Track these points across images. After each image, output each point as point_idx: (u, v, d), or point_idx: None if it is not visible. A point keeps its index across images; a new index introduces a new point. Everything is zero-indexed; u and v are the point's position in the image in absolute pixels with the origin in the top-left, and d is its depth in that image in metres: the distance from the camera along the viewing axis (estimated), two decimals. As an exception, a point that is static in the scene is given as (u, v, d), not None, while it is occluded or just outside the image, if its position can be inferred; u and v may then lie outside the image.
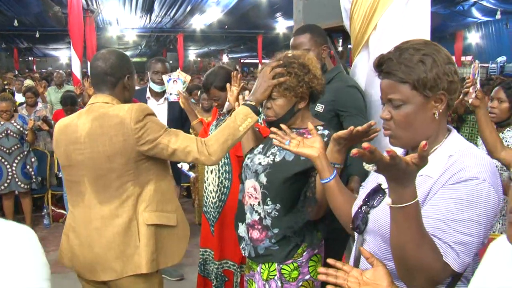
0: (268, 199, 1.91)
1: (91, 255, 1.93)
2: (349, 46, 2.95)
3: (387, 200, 1.10)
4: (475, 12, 14.98)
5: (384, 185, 1.34)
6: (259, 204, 1.95)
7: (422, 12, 2.27)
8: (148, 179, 1.95)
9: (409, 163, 1.01)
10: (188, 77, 3.40)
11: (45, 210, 5.53)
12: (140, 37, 21.16)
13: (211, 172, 2.87)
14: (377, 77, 1.35)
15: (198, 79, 10.82)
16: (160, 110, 3.78)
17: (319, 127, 1.93)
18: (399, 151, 1.45)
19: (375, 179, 1.47)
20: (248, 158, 2.09)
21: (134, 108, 1.87)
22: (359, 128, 1.56)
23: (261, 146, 2.09)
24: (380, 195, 1.37)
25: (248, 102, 1.97)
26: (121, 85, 2.00)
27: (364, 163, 1.04)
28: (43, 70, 24.01)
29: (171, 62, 22.10)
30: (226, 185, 2.81)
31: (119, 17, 15.95)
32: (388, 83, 1.29)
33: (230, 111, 2.85)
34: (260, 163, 1.98)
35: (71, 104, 5.13)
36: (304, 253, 1.90)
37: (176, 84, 3.36)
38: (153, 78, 3.84)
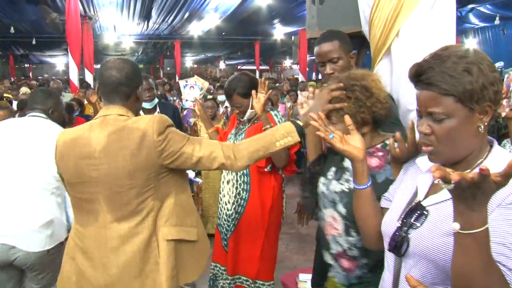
0: (352, 230, 1.78)
1: (106, 277, 1.82)
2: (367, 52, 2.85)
3: (455, 225, 0.98)
4: (472, 18, 15.01)
5: (425, 202, 1.26)
6: (340, 235, 1.83)
7: (448, 17, 2.18)
8: (167, 192, 1.86)
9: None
10: (206, 84, 3.32)
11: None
12: (137, 43, 21.06)
13: (228, 182, 2.77)
14: (414, 87, 1.25)
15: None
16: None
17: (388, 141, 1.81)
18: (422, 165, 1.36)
19: (406, 191, 1.38)
20: (324, 184, 1.93)
21: (155, 120, 1.79)
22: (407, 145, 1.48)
23: (333, 169, 1.93)
24: (419, 212, 1.27)
25: (296, 121, 1.87)
26: (134, 96, 1.92)
27: (440, 181, 0.93)
28: (39, 77, 23.82)
29: (168, 69, 22.18)
30: (244, 197, 2.71)
31: (116, 24, 15.84)
32: (429, 95, 1.19)
33: (251, 119, 2.76)
34: (336, 192, 1.85)
35: (68, 113, 4.94)
36: None
37: (192, 90, 3.28)
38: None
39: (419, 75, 1.20)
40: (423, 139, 1.25)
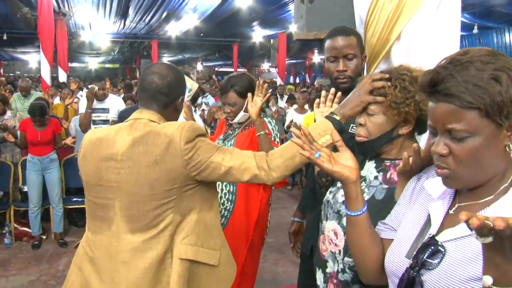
0: None
1: None
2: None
3: (486, 279, 0.78)
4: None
5: (441, 238, 1.05)
6: (339, 253, 1.60)
7: (454, 17, 2.01)
8: (191, 207, 1.69)
9: None
10: (195, 85, 3.10)
11: (6, 228, 5.05)
12: (114, 42, 20.69)
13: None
14: (428, 99, 1.04)
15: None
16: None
17: None
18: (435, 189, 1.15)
19: (414, 221, 1.18)
20: (331, 192, 1.72)
21: (185, 126, 1.64)
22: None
23: None
24: (433, 248, 1.05)
25: (332, 116, 1.66)
26: (173, 107, 1.79)
27: (475, 234, 0.74)
28: (10, 74, 23.15)
29: (145, 69, 22.03)
30: (228, 208, 2.52)
31: (92, 22, 15.47)
32: (448, 109, 0.98)
33: (242, 124, 2.58)
34: (343, 202, 1.60)
35: (40, 115, 4.68)
36: None
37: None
38: None
39: (435, 84, 1.00)
40: (437, 160, 1.04)
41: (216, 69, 32.18)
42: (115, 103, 5.01)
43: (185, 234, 1.67)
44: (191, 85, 3.18)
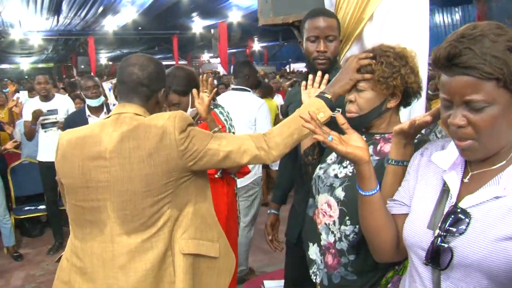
0: (347, 218, 1.59)
1: None
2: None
3: None
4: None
5: (464, 204, 1.09)
6: (334, 223, 1.64)
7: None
8: (187, 199, 1.63)
9: None
10: None
11: None
12: (47, 40, 19.83)
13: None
14: (443, 73, 1.06)
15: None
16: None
17: None
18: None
19: (428, 193, 1.21)
20: (321, 168, 1.76)
21: (177, 116, 1.57)
22: (420, 120, 1.32)
23: (334, 153, 1.73)
24: (457, 216, 1.08)
25: (323, 95, 1.68)
26: (155, 100, 1.71)
27: None
28: None
29: (82, 67, 21.22)
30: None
31: (22, 19, 14.73)
32: (467, 81, 1.01)
33: (194, 119, 2.49)
34: (336, 175, 1.66)
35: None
36: (389, 285, 1.56)
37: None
38: (87, 95, 4.07)
39: (453, 58, 1.02)
40: (457, 133, 1.06)
41: (156, 62, 31.53)
42: (63, 103, 4.73)
43: (184, 229, 1.62)
44: None
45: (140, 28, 17.62)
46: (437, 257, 1.09)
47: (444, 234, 1.08)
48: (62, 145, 1.65)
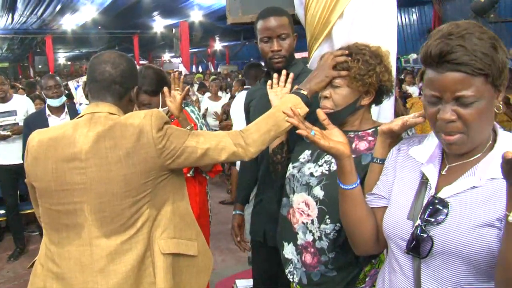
0: (327, 217, 1.59)
1: None
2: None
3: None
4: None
5: (442, 195, 1.14)
6: (312, 222, 1.63)
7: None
8: (165, 198, 1.61)
9: None
10: None
11: None
12: (1, 39, 19.18)
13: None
14: (432, 70, 1.09)
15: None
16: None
17: None
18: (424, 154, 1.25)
19: (406, 186, 1.25)
20: (294, 167, 1.75)
21: (153, 114, 1.54)
22: (411, 121, 1.36)
23: (307, 152, 1.74)
24: (436, 207, 1.13)
25: (299, 91, 1.68)
26: (128, 98, 1.67)
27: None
28: None
29: (40, 66, 20.63)
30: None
31: (-26, 17, 14.21)
32: (459, 77, 1.05)
33: None
34: (312, 174, 1.66)
35: None
36: (367, 279, 1.61)
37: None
38: (48, 94, 3.96)
39: (445, 55, 1.05)
40: (446, 128, 1.10)
41: (116, 62, 31.04)
42: (22, 104, 4.55)
43: (163, 228, 1.60)
44: None
45: (100, 27, 17.33)
46: (418, 246, 1.13)
47: (424, 224, 1.13)
48: (33, 147, 1.59)
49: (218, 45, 26.01)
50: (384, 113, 2.03)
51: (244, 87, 4.23)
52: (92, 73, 1.63)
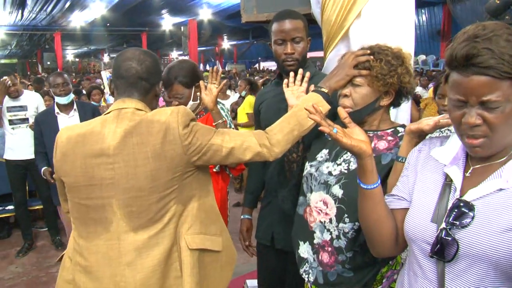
0: (346, 216, 1.57)
1: None
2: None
3: None
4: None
5: (468, 198, 1.11)
6: (330, 221, 1.62)
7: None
8: (191, 194, 1.62)
9: None
10: None
11: None
12: (10, 35, 19.29)
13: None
14: (458, 74, 1.06)
15: (88, 80, 9.96)
16: (73, 123, 3.26)
17: (400, 128, 1.65)
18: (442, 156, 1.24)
19: (429, 188, 1.22)
20: (312, 166, 1.73)
21: (180, 111, 1.56)
22: (444, 122, 1.36)
23: (325, 151, 1.72)
24: (461, 210, 1.10)
25: (320, 89, 1.70)
26: (153, 93, 1.70)
27: None
28: None
29: (48, 63, 20.70)
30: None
31: (-16, 13, 14.27)
32: (485, 81, 1.02)
33: (194, 112, 2.44)
34: (330, 173, 1.65)
35: None
36: (384, 280, 1.59)
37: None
38: (56, 92, 3.90)
39: (471, 58, 1.02)
40: (470, 131, 1.07)
41: (124, 60, 31.13)
42: (32, 99, 4.56)
43: (189, 224, 1.61)
44: None
45: (108, 24, 17.34)
46: (442, 250, 1.10)
47: (449, 227, 1.10)
48: (62, 143, 1.61)
49: (226, 43, 26.00)
50: (401, 114, 2.00)
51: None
52: (118, 70, 1.65)
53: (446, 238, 1.10)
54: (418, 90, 8.43)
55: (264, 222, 2.26)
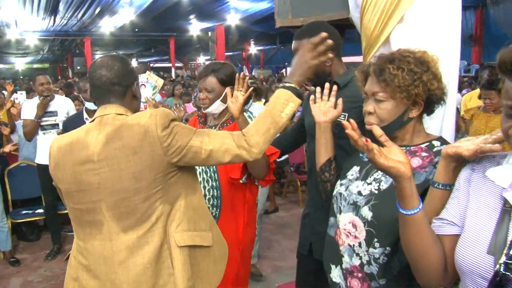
0: (376, 240, 1.46)
1: None
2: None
3: None
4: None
5: None
6: (360, 245, 1.51)
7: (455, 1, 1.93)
8: (177, 193, 1.69)
9: None
10: (161, 81, 2.88)
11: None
12: (43, 41, 19.62)
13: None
14: (509, 79, 0.97)
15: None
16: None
17: (436, 142, 1.52)
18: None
19: (485, 214, 1.09)
20: (342, 185, 1.64)
21: (158, 113, 1.61)
22: (486, 149, 1.17)
23: (356, 168, 1.63)
24: None
25: (287, 85, 1.72)
26: (130, 94, 1.76)
27: None
28: None
29: (78, 67, 21.00)
30: (214, 214, 2.32)
31: (18, 19, 14.55)
32: None
33: (219, 121, 2.38)
34: (359, 192, 1.54)
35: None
36: None
37: (144, 89, 2.80)
38: (85, 97, 3.87)
39: None
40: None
41: (151, 65, 31.44)
42: (63, 105, 4.58)
43: (177, 222, 1.68)
44: (156, 81, 2.94)
45: (137, 29, 17.49)
46: (501, 286, 0.98)
47: (510, 261, 0.97)
48: (54, 152, 1.72)
49: (253, 48, 25.99)
50: (446, 121, 1.90)
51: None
52: (92, 80, 1.73)
53: (506, 273, 0.96)
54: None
55: (303, 232, 2.25)
